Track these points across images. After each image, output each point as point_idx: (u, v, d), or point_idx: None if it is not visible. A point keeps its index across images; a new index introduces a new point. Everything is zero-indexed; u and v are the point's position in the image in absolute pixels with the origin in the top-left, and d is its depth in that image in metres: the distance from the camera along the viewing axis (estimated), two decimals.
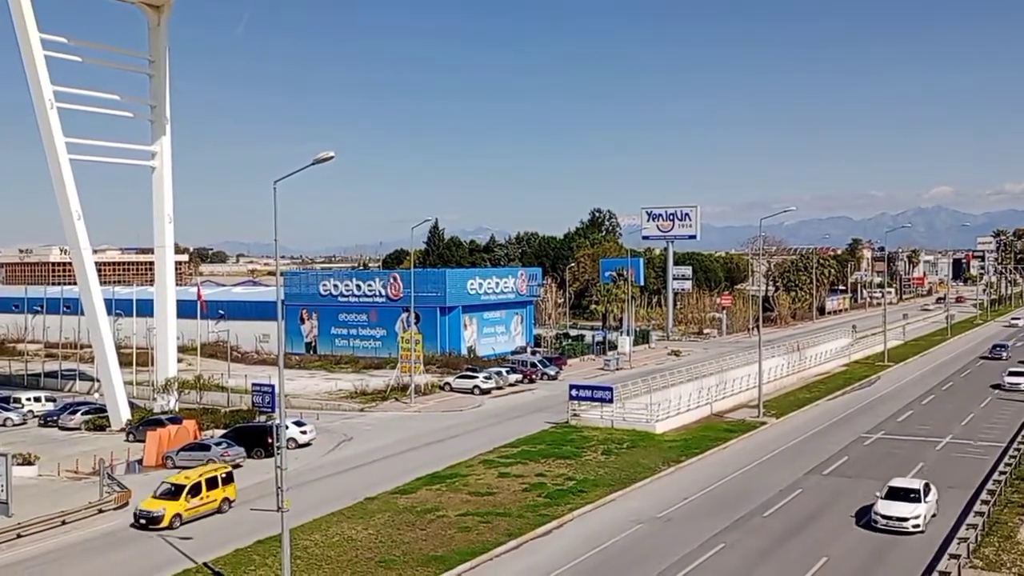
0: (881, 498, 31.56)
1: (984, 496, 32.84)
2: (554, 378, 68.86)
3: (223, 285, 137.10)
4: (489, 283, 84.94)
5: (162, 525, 32.12)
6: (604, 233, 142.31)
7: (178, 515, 32.56)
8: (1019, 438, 43.71)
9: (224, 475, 34.98)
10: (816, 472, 39.67)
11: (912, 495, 31.38)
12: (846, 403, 59.06)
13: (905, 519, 30.32)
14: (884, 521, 30.51)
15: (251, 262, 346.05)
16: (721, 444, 45.68)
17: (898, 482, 32.75)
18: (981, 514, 30.60)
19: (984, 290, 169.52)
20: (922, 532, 30.19)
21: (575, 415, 50.97)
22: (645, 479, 38.36)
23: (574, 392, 51.65)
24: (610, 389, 50.81)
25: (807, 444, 45.96)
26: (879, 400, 59.81)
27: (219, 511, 34.03)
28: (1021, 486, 35.52)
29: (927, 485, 32.38)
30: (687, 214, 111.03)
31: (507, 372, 66.92)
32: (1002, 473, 36.13)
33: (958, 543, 27.74)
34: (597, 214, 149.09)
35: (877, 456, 42.74)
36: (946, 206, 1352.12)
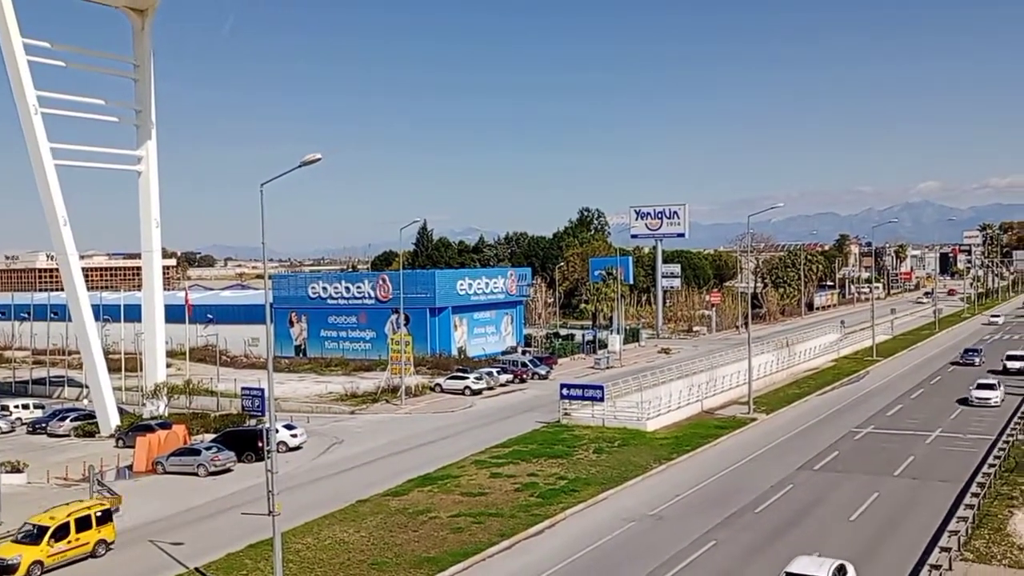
0: None
1: (974, 489, 33.00)
2: (545, 378, 68.84)
3: (211, 289, 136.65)
4: (479, 283, 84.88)
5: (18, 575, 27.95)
6: (593, 232, 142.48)
7: (38, 563, 28.39)
8: (1008, 431, 44.01)
9: (99, 513, 30.51)
10: (807, 468, 39.78)
11: None
12: (836, 398, 59.27)
13: None
14: None
15: (239, 265, 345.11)
16: (712, 441, 45.78)
17: (799, 566, 23.66)
18: (971, 507, 30.75)
19: (971, 284, 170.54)
20: None
21: (566, 414, 50.99)
22: (637, 477, 38.40)
23: (565, 391, 51.66)
24: (601, 388, 50.83)
25: (797, 440, 46.10)
26: (868, 395, 60.05)
27: (93, 555, 29.84)
28: (1010, 478, 35.73)
29: (841, 568, 23.90)
30: (675, 212, 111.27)
31: (498, 372, 66.92)
32: (991, 466, 36.34)
33: (949, 536, 27.88)
34: (586, 213, 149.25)
35: (867, 450, 42.91)
36: (932, 201, 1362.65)
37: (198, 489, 38.94)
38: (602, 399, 49.89)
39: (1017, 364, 65.87)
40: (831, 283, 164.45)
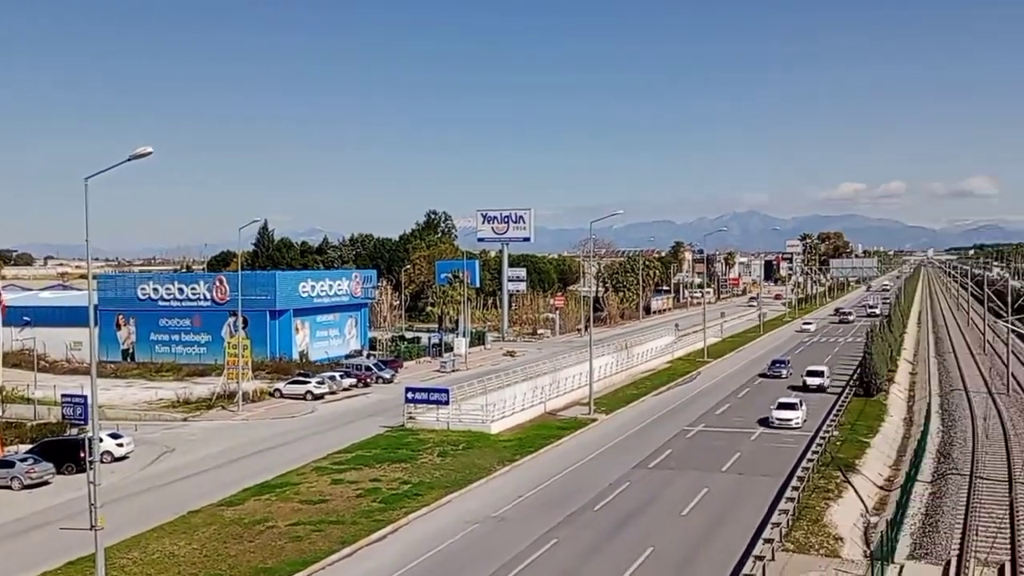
0: None
1: (794, 483, 35.14)
2: (389, 381, 68.18)
3: (29, 289, 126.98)
4: (322, 285, 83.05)
5: None
6: (440, 235, 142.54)
7: None
8: (824, 428, 47.23)
9: None
10: (643, 466, 41.19)
11: None
12: (670, 398, 61.75)
13: None
14: None
15: (61, 264, 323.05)
16: (554, 442, 46.65)
17: None
18: (792, 500, 32.72)
19: (792, 290, 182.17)
20: None
21: (411, 418, 50.66)
22: (481, 479, 38.61)
23: (410, 395, 51.33)
24: (446, 391, 50.86)
25: (634, 439, 47.67)
26: (699, 395, 62.90)
27: None
28: (827, 472, 38.33)
29: None
30: (521, 217, 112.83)
31: (341, 376, 65.68)
32: (810, 460, 38.86)
33: (771, 528, 29.53)
34: (432, 216, 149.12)
35: (698, 448, 44.91)
36: (759, 211, 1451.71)
37: (12, 504, 36.05)
38: (447, 402, 49.92)
39: (816, 380, 62.46)
40: (667, 288, 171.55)
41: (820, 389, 61.61)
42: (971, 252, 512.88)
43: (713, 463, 41.17)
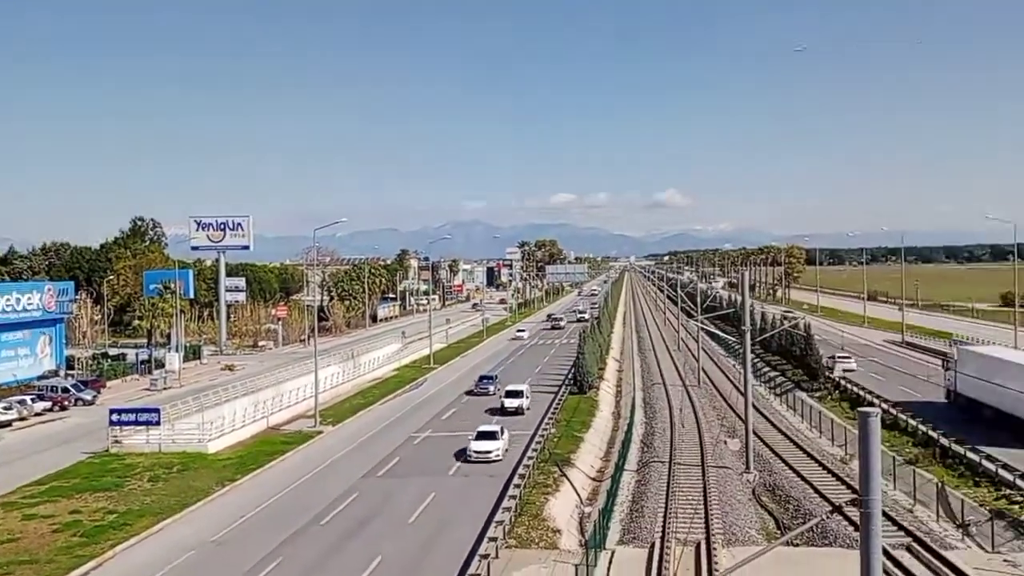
0: None
1: (516, 480, 36.53)
2: (91, 403, 62.46)
3: None
4: (8, 300, 74.14)
5: None
6: (148, 243, 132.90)
7: None
8: (543, 426, 49.62)
9: None
10: (371, 475, 40.86)
11: None
12: (398, 406, 61.92)
13: None
14: None
15: None
16: (278, 457, 45.05)
17: None
18: (514, 497, 33.96)
19: (513, 295, 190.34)
20: None
21: (117, 442, 46.69)
22: (198, 503, 36.35)
23: (115, 417, 47.42)
24: (157, 411, 47.66)
25: (362, 449, 47.22)
26: (426, 401, 63.64)
27: None
28: (545, 468, 40.19)
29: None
30: (239, 224, 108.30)
31: (32, 400, 59.20)
32: (531, 458, 40.59)
33: (495, 526, 30.44)
34: (139, 223, 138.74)
35: (425, 454, 45.34)
36: (481, 220, 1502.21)
37: None
38: (158, 422, 46.80)
39: (515, 402, 55.23)
40: (393, 295, 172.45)
41: (518, 412, 54.54)
42: (666, 258, 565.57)
43: (440, 467, 41.72)
